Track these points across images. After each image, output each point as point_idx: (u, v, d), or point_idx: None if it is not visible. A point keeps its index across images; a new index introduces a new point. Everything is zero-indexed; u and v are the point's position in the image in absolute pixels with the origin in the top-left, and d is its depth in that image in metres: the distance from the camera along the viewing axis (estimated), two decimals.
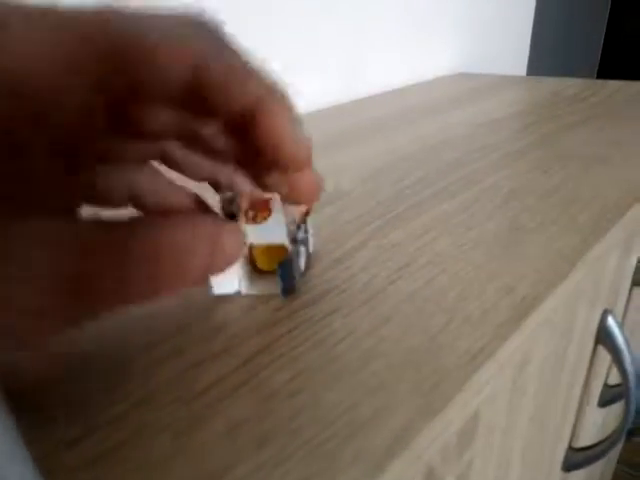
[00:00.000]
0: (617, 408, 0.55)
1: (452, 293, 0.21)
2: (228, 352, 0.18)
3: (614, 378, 0.49)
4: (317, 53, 0.59)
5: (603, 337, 0.36)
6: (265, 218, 0.19)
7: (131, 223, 0.13)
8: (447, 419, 0.15)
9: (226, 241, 0.14)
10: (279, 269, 0.20)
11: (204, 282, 0.15)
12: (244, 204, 0.19)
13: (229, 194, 0.19)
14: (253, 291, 0.21)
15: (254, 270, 0.21)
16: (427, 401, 0.15)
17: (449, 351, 0.17)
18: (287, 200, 0.18)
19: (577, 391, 0.39)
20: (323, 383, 0.16)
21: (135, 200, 0.18)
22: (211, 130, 0.17)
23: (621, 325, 0.37)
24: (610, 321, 0.35)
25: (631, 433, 1.06)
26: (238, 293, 0.21)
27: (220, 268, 0.14)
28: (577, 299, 0.29)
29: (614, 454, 0.83)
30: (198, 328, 0.19)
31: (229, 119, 0.15)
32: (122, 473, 0.13)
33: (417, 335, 0.18)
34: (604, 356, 0.43)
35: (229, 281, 0.21)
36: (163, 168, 0.19)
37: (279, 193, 0.18)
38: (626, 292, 0.45)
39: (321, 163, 0.38)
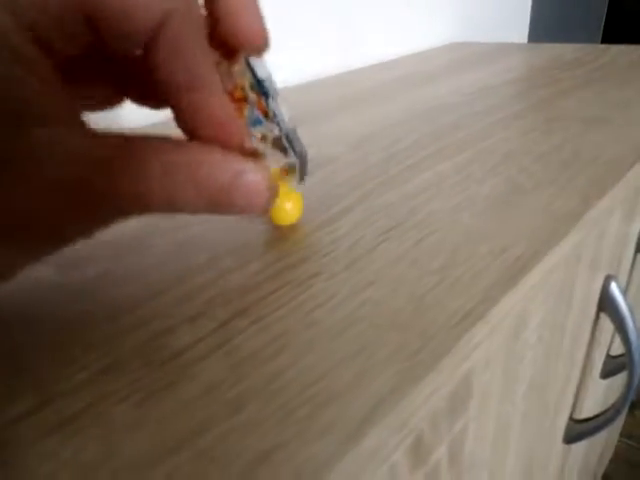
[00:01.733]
0: (619, 380, 0.54)
1: (442, 255, 0.19)
2: (203, 315, 0.17)
3: (616, 349, 0.48)
4: (311, 24, 0.57)
5: (606, 304, 0.35)
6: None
7: (147, 137, 0.13)
8: (434, 384, 0.14)
9: (249, 173, 0.14)
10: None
11: (221, 207, 0.14)
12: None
13: None
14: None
15: None
16: (412, 364, 0.14)
17: (436, 313, 0.16)
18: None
19: (579, 361, 0.38)
20: (301, 347, 0.15)
21: None
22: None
23: (625, 292, 0.36)
24: (613, 288, 0.34)
25: (633, 405, 1.06)
26: None
27: (241, 197, 0.14)
28: (577, 263, 0.28)
29: (616, 427, 0.83)
30: (173, 293, 0.18)
31: None
32: (80, 443, 0.12)
33: (402, 298, 0.17)
34: (607, 326, 0.42)
35: None
36: None
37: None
38: (630, 259, 0.43)
39: (310, 131, 0.36)
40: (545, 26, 1.14)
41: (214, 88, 0.14)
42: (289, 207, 0.22)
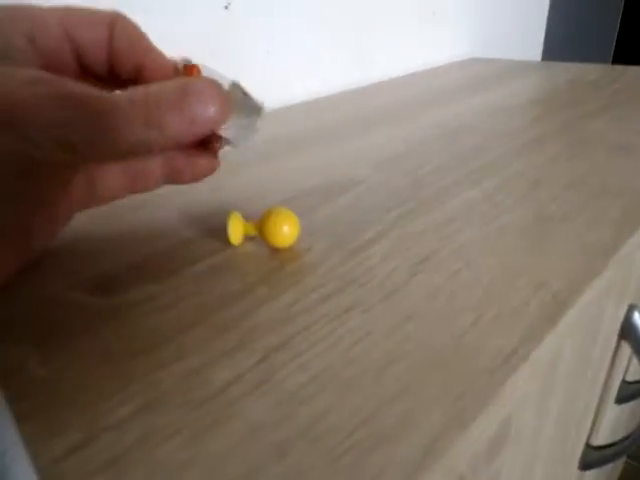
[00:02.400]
0: (631, 406, 0.53)
1: (478, 289, 0.19)
2: (241, 349, 0.17)
3: (632, 374, 0.48)
4: (326, 38, 0.57)
5: (627, 332, 0.35)
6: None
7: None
8: (480, 427, 0.14)
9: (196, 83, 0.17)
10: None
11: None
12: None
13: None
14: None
15: None
16: (457, 408, 0.14)
17: (479, 352, 0.16)
18: None
19: (598, 387, 0.38)
20: (343, 386, 0.15)
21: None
22: None
23: None
24: (636, 316, 0.34)
25: None
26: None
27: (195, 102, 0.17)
28: (607, 295, 0.28)
29: None
30: (209, 323, 0.18)
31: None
32: None
33: (441, 335, 0.17)
34: (625, 352, 0.41)
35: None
36: None
37: None
38: None
39: (332, 151, 0.36)
40: (559, 44, 1.14)
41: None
42: (286, 230, 0.22)
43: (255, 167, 0.33)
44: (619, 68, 0.65)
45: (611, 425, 0.50)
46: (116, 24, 0.19)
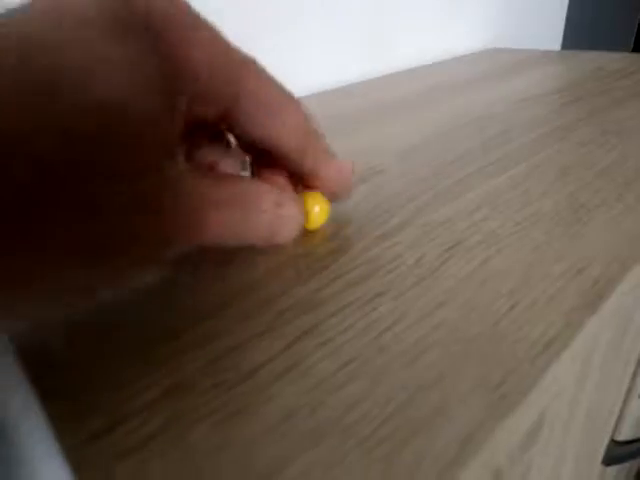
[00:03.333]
0: None
1: (512, 276, 0.19)
2: (270, 333, 0.16)
3: None
4: (345, 27, 0.56)
5: None
6: None
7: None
8: (519, 419, 0.13)
9: (287, 204, 0.17)
10: None
11: (267, 240, 0.17)
12: None
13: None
14: None
15: None
16: (495, 399, 0.13)
17: (515, 340, 0.15)
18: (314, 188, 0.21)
19: (626, 382, 0.37)
20: (374, 374, 0.14)
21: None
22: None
23: None
24: None
25: None
26: None
27: (283, 228, 0.18)
28: None
29: None
30: (237, 306, 0.18)
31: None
32: (161, 468, 0.12)
33: (476, 322, 0.16)
34: None
35: None
36: None
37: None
38: None
39: (351, 141, 0.36)
40: (579, 32, 1.12)
41: None
42: (317, 211, 0.21)
43: None
44: None
45: (635, 420, 0.49)
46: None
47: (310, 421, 0.13)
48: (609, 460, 0.42)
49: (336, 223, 0.23)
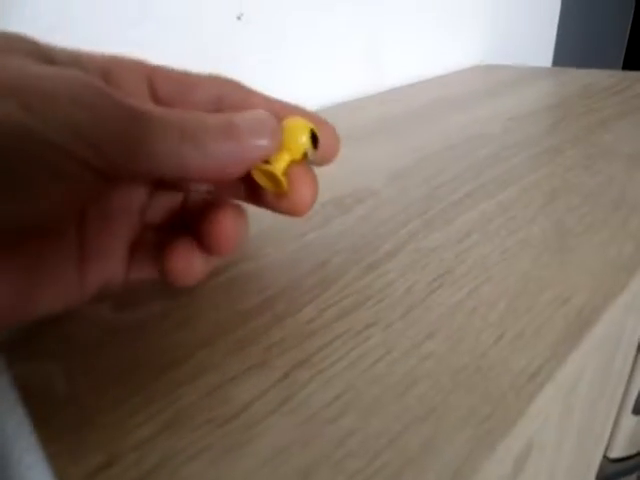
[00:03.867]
0: None
1: (500, 305, 0.19)
2: (263, 366, 0.17)
3: None
4: (335, 45, 0.57)
5: None
6: None
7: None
8: (506, 449, 0.14)
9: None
10: None
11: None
12: None
13: None
14: None
15: None
16: (483, 430, 0.14)
17: (502, 371, 0.16)
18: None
19: (617, 400, 0.37)
20: (366, 407, 0.15)
21: None
22: None
23: None
24: None
25: None
26: None
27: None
28: (630, 309, 0.27)
29: None
30: (229, 338, 0.18)
31: None
32: None
33: (464, 353, 0.17)
34: None
35: None
36: None
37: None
38: None
39: (345, 161, 0.36)
40: (569, 49, 1.14)
41: None
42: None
43: None
44: (634, 74, 0.65)
45: (629, 437, 0.49)
46: (220, 88, 0.18)
47: (302, 456, 0.13)
48: (602, 478, 0.42)
49: (328, 249, 0.24)
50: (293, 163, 0.18)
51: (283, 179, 0.17)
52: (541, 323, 0.18)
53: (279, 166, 0.17)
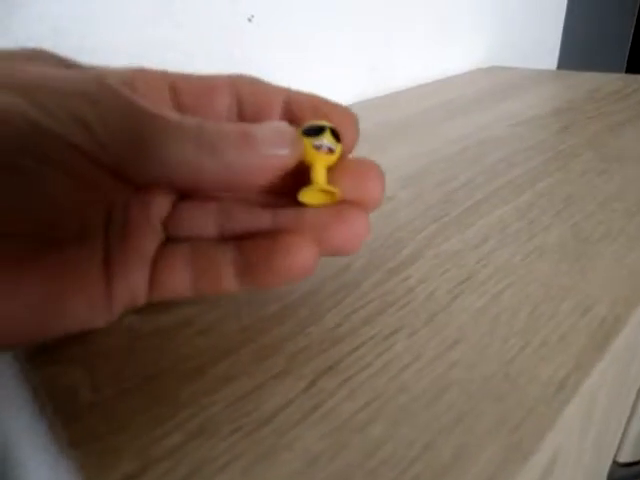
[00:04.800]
0: None
1: (523, 312, 0.19)
2: (289, 373, 0.17)
3: None
4: (344, 47, 0.57)
5: None
6: None
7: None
8: (537, 460, 0.14)
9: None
10: None
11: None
12: None
13: None
14: None
15: None
16: (514, 440, 0.14)
17: (530, 380, 0.16)
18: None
19: (629, 405, 0.37)
20: (395, 415, 0.15)
21: None
22: None
23: None
24: None
25: None
26: None
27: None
28: None
29: None
30: (252, 346, 0.18)
31: None
32: None
33: (491, 361, 0.17)
34: None
35: None
36: None
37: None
38: None
39: None
40: (574, 52, 1.14)
41: None
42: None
43: None
44: None
45: (638, 442, 0.49)
46: (239, 90, 0.18)
47: (333, 466, 0.13)
48: None
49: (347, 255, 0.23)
50: (330, 166, 0.17)
51: (331, 187, 0.17)
52: (565, 332, 0.18)
53: (320, 180, 0.17)
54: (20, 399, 0.18)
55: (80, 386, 0.16)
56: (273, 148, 0.15)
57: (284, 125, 0.16)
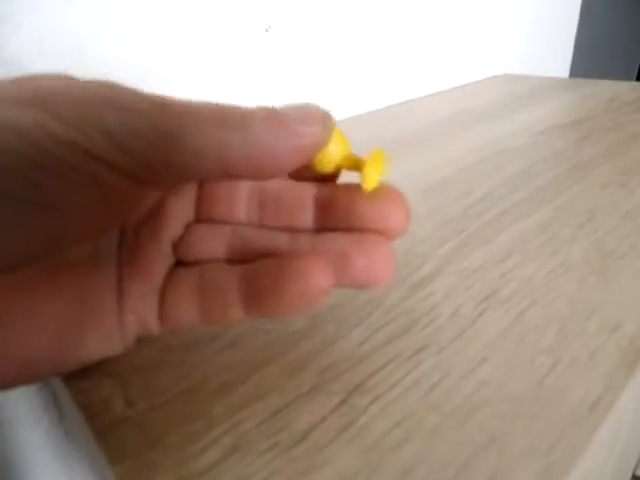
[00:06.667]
0: None
1: (550, 330, 0.19)
2: (319, 390, 0.17)
3: None
4: (361, 56, 0.58)
5: None
6: None
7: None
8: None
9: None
10: None
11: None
12: None
13: None
14: None
15: None
16: (549, 462, 0.14)
17: (561, 400, 0.16)
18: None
19: None
20: (428, 434, 0.15)
21: None
22: None
23: None
24: None
25: None
26: None
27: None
28: None
29: None
30: (281, 361, 0.18)
31: None
32: None
33: (520, 380, 0.17)
34: None
35: None
36: None
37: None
38: None
39: None
40: (587, 59, 1.13)
41: None
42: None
43: None
44: None
45: None
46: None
47: None
48: None
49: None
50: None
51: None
52: (594, 350, 0.18)
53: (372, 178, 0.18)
54: (49, 414, 0.19)
55: (113, 399, 0.17)
56: (303, 125, 0.14)
57: (314, 104, 0.15)
